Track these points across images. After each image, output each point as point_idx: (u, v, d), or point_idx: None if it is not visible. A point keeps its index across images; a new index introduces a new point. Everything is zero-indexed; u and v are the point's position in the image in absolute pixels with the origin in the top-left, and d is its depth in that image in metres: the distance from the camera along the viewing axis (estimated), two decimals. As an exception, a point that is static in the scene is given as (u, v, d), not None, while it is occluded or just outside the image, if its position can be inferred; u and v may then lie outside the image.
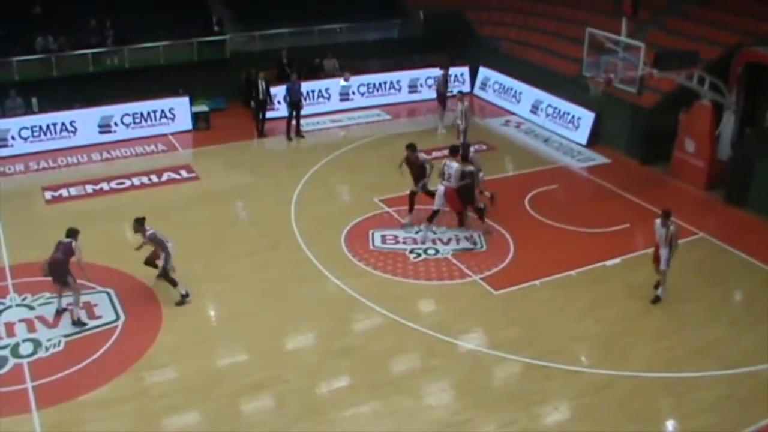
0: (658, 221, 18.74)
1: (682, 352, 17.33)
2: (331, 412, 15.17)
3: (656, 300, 19.10)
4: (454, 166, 21.28)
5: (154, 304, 18.34)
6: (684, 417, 15.43)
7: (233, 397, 15.49)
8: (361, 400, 15.51)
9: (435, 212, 21.69)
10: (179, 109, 29.65)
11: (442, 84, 31.16)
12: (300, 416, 15.01)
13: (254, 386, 15.77)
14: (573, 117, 30.42)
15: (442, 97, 31.07)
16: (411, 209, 22.45)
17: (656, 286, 19.27)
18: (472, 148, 22.50)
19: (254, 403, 15.43)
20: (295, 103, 29.28)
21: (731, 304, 19.88)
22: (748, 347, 17.49)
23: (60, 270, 17.11)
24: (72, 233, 17.29)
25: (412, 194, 22.44)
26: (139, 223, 18.11)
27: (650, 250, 19.82)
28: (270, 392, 15.67)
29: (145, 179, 25.37)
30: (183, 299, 18.28)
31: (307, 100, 30.89)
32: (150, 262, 18.53)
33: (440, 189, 21.49)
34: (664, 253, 18.76)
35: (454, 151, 21.97)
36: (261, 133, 29.29)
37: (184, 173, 25.90)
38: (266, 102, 29.24)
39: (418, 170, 22.26)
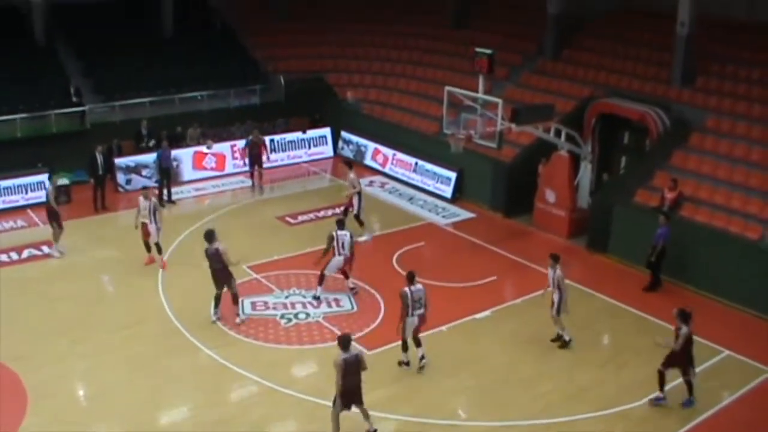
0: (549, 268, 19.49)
1: (556, 398, 17.63)
2: (208, 486, 14.82)
3: (564, 344, 19.68)
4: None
5: (18, 387, 17.55)
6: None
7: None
8: (239, 471, 15.23)
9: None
10: (38, 183, 28.79)
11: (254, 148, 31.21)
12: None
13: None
14: (436, 174, 30.86)
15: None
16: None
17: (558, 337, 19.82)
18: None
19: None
20: (165, 170, 28.92)
21: (600, 347, 20.34)
22: (619, 388, 17.95)
23: None
24: None
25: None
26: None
27: (519, 301, 20.27)
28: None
29: (4, 257, 24.47)
30: None
31: (172, 169, 30.35)
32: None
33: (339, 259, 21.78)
34: (555, 297, 19.34)
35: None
36: (103, 207, 28.56)
37: (46, 249, 25.06)
38: (105, 176, 28.74)
39: None
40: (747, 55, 28.23)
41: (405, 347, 18.49)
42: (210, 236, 20.37)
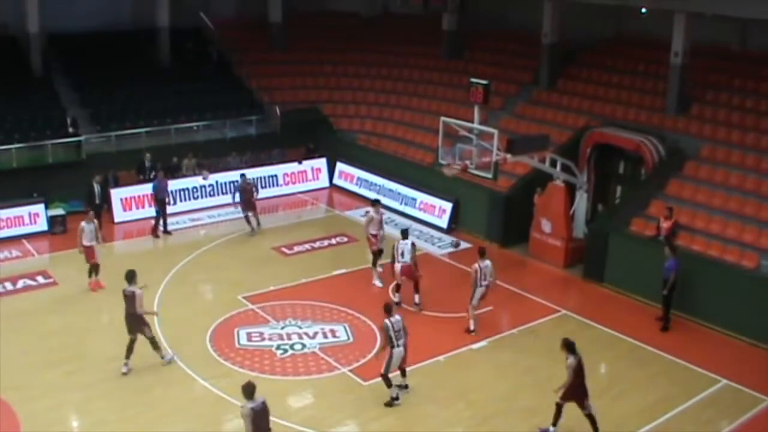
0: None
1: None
2: None
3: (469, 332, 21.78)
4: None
5: (11, 419, 17.42)
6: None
7: None
8: (234, 504, 15.10)
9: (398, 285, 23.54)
10: (34, 214, 28.80)
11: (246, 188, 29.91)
12: None
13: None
14: (431, 205, 30.85)
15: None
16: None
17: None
18: None
19: None
20: (161, 201, 28.95)
21: (597, 377, 20.19)
22: (618, 417, 17.87)
23: None
24: None
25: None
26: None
27: (515, 331, 20.21)
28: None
29: (-1, 287, 24.46)
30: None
31: (167, 199, 30.24)
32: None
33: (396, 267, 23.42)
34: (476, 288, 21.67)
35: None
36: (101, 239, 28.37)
37: (40, 279, 25.00)
38: (102, 207, 28.59)
39: None
40: (740, 83, 28.41)
41: (389, 383, 18.32)
42: (130, 277, 19.89)
